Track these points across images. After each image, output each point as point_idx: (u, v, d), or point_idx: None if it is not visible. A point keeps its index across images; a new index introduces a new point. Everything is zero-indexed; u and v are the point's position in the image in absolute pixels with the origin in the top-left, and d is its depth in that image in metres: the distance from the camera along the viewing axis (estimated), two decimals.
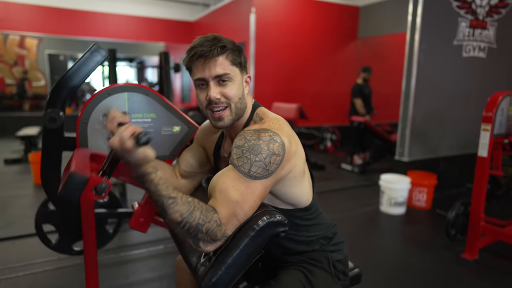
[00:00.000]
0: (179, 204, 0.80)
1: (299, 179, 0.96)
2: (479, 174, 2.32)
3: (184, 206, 0.80)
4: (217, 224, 0.82)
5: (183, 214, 0.80)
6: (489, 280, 2.16)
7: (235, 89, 0.93)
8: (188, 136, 1.32)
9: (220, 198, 0.84)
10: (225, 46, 0.91)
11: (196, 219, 0.80)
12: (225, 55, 0.91)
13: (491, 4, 3.73)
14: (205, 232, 0.81)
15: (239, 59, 0.94)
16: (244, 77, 0.97)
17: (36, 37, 9.05)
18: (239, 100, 0.94)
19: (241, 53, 0.96)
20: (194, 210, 0.80)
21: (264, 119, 0.95)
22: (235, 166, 0.85)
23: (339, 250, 1.10)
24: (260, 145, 0.84)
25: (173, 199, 0.80)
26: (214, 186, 0.87)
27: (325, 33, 6.36)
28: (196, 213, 0.80)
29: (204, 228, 0.81)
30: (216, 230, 0.82)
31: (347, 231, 2.82)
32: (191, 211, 0.80)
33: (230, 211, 0.83)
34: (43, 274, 2.12)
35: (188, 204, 0.81)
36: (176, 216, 0.80)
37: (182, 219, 0.80)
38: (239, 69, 0.94)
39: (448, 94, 3.77)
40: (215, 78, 0.91)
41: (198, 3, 8.55)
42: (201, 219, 0.80)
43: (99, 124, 1.18)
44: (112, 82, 3.57)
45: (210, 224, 0.81)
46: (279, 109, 4.93)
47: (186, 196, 0.82)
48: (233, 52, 0.93)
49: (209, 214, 0.81)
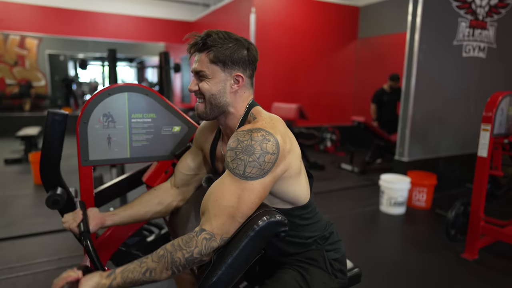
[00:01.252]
0: (156, 268, 0.82)
1: (296, 177, 0.96)
2: (479, 174, 2.32)
3: (161, 262, 0.82)
4: (206, 240, 0.83)
5: (167, 269, 0.82)
6: (489, 280, 2.16)
7: (209, 86, 0.95)
8: (188, 136, 1.32)
9: (213, 209, 0.85)
10: (206, 43, 0.92)
11: (182, 258, 0.82)
12: (206, 53, 0.93)
13: (491, 4, 3.74)
14: (201, 255, 0.83)
15: (223, 57, 0.92)
16: (230, 76, 0.95)
17: (36, 37, 9.06)
18: (213, 97, 0.95)
19: (233, 51, 0.92)
20: (174, 255, 0.82)
21: (257, 118, 0.94)
22: (230, 169, 0.86)
23: (336, 249, 1.10)
24: (253, 145, 0.84)
25: (145, 268, 0.82)
26: (209, 196, 0.88)
27: (325, 33, 6.36)
28: (177, 254, 0.82)
29: (196, 253, 0.82)
30: (209, 245, 0.83)
31: (347, 231, 2.82)
32: (171, 259, 0.82)
33: (226, 217, 0.84)
34: (43, 274, 2.12)
35: (163, 257, 0.82)
36: (164, 275, 0.82)
37: (171, 271, 0.82)
38: (220, 67, 0.94)
39: (448, 94, 3.78)
40: (195, 73, 0.96)
41: (198, 3, 8.55)
42: (186, 252, 0.82)
43: (99, 124, 1.18)
44: (112, 82, 3.57)
45: (199, 247, 0.82)
46: (279, 109, 4.93)
47: (156, 253, 0.84)
48: (218, 50, 0.92)
49: (191, 243, 0.82)
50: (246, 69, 0.96)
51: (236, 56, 0.93)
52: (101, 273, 0.83)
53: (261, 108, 1.00)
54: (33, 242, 2.54)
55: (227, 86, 0.96)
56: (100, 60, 11.34)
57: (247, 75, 0.98)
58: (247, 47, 0.95)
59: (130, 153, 1.25)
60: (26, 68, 9.19)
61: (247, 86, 0.99)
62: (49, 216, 2.89)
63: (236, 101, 0.98)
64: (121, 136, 1.22)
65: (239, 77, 0.95)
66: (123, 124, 1.21)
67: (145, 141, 1.26)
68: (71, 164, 2.37)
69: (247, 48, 0.95)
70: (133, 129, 1.24)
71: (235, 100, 0.98)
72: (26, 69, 9.20)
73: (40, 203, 3.38)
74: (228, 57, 0.92)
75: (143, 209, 1.14)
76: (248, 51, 0.95)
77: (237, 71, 0.95)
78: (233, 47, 0.93)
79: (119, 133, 1.21)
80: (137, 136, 1.25)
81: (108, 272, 0.83)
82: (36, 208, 3.23)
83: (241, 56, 0.94)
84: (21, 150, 5.47)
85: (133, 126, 1.23)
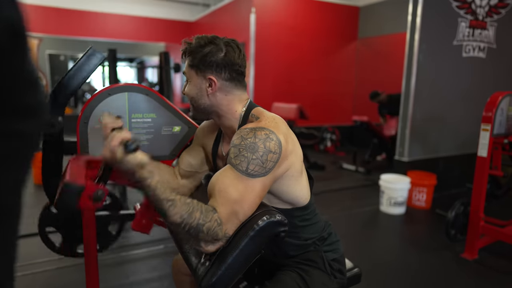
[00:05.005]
0: (178, 206, 0.80)
1: (297, 178, 0.96)
2: (479, 174, 2.32)
3: (183, 208, 0.81)
4: (217, 223, 0.82)
5: (182, 216, 0.80)
6: (489, 280, 2.16)
7: (188, 89, 1.00)
8: (188, 136, 1.32)
9: (219, 198, 0.84)
10: (186, 49, 0.98)
11: (196, 220, 0.81)
12: (187, 57, 0.99)
13: (490, 4, 3.74)
14: (206, 232, 0.82)
15: (196, 62, 0.96)
16: (204, 79, 0.96)
17: (36, 37, 9.06)
18: (192, 99, 1.01)
19: (205, 55, 0.94)
20: (194, 211, 0.81)
21: (260, 118, 0.95)
22: (233, 165, 0.86)
23: (334, 249, 1.10)
24: (256, 143, 0.85)
25: (171, 201, 0.80)
26: (213, 186, 0.87)
27: (325, 33, 6.36)
28: (196, 213, 0.81)
29: (205, 228, 0.81)
30: (217, 229, 0.82)
31: (347, 231, 2.82)
32: (190, 212, 0.81)
33: (230, 210, 0.84)
34: (43, 274, 2.13)
35: (187, 205, 0.81)
36: (176, 218, 0.81)
37: (182, 220, 0.81)
38: (195, 71, 0.97)
39: (448, 94, 3.78)
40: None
41: (198, 3, 8.55)
42: (201, 219, 0.81)
43: (99, 124, 1.18)
44: (112, 82, 3.57)
45: (210, 224, 0.82)
46: (279, 109, 4.93)
47: (185, 198, 0.83)
48: (193, 55, 0.96)
49: (208, 214, 0.82)
50: (221, 72, 0.96)
51: (208, 60, 0.94)
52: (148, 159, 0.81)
53: (262, 109, 1.01)
54: (33, 242, 2.53)
55: (203, 89, 0.98)
56: None
57: (223, 77, 0.96)
58: (225, 50, 0.95)
59: None
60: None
61: (226, 89, 0.98)
62: None
63: (221, 103, 0.98)
64: None
65: (211, 80, 0.96)
66: (123, 124, 1.21)
67: (145, 141, 1.26)
68: None
69: (225, 51, 0.95)
70: (133, 129, 1.24)
71: (219, 102, 0.98)
72: None
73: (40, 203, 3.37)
74: (200, 61, 0.95)
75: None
76: (225, 54, 0.95)
77: (210, 74, 0.96)
78: (207, 51, 0.94)
79: None
80: (137, 136, 1.25)
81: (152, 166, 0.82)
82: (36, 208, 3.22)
83: (214, 60, 0.94)
84: None
85: (133, 126, 1.23)
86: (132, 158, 0.77)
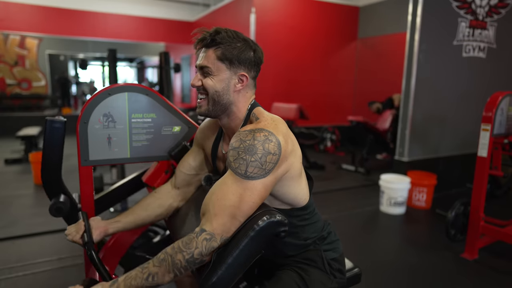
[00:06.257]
0: (158, 273, 0.83)
1: (297, 179, 0.96)
2: (479, 174, 2.32)
3: (163, 264, 0.83)
4: (207, 240, 0.83)
5: (169, 272, 0.82)
6: (489, 280, 2.16)
7: (213, 83, 0.95)
8: (188, 136, 1.32)
9: (216, 207, 0.85)
10: (215, 40, 0.93)
11: (183, 260, 0.82)
12: (213, 49, 0.94)
13: (491, 4, 3.74)
14: (201, 256, 0.83)
15: (230, 56, 0.93)
16: (235, 75, 0.96)
17: (36, 37, 9.06)
18: (216, 93, 0.96)
19: (241, 51, 0.94)
20: (173, 257, 0.83)
21: (260, 119, 0.94)
22: (232, 169, 0.86)
23: (334, 248, 1.10)
24: (255, 145, 0.85)
25: (147, 274, 0.83)
26: (209, 198, 0.88)
27: (325, 33, 6.36)
28: (178, 256, 0.82)
29: (196, 255, 0.83)
30: (209, 245, 0.83)
31: (347, 231, 2.82)
32: (172, 262, 0.82)
33: (227, 216, 0.84)
34: (43, 274, 2.13)
35: (164, 261, 0.83)
36: (166, 279, 0.83)
37: (173, 274, 0.83)
38: (226, 65, 0.94)
39: (448, 94, 3.78)
40: (200, 68, 0.97)
41: (198, 3, 8.55)
42: (186, 254, 0.82)
43: (99, 124, 1.18)
44: (112, 82, 3.57)
45: (199, 249, 0.82)
46: (279, 109, 4.93)
47: (157, 256, 0.85)
48: (226, 48, 0.93)
49: (191, 244, 0.83)
50: (251, 70, 0.98)
51: (243, 56, 0.94)
52: (103, 283, 0.85)
53: (262, 109, 1.01)
54: (33, 242, 2.54)
55: (231, 85, 0.96)
56: (100, 60, 11.34)
57: (251, 76, 0.99)
58: (254, 48, 0.97)
59: (130, 153, 1.25)
60: (26, 68, 9.19)
61: (250, 87, 1.00)
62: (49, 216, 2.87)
63: (239, 101, 0.99)
64: (121, 136, 1.22)
65: (243, 76, 0.96)
66: (123, 124, 1.21)
67: (145, 141, 1.26)
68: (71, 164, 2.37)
69: (253, 50, 0.97)
70: (133, 129, 1.23)
71: (238, 100, 0.99)
72: (26, 69, 9.20)
73: (40, 203, 3.38)
74: (235, 56, 0.94)
75: (144, 213, 1.15)
76: (254, 52, 0.97)
77: (243, 70, 0.96)
78: (241, 47, 0.94)
79: (119, 133, 1.21)
80: (137, 136, 1.25)
81: (111, 282, 0.85)
82: (36, 208, 3.23)
83: (247, 57, 0.95)
84: (21, 150, 5.47)
85: (133, 126, 1.23)
86: None
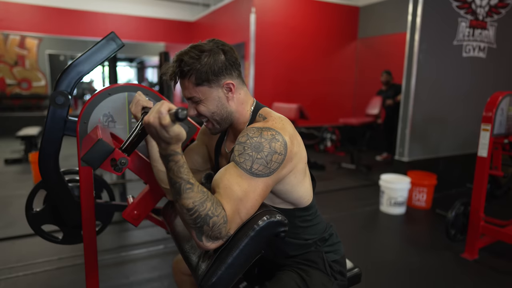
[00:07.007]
0: (194, 191, 0.79)
1: (301, 179, 0.96)
2: (479, 174, 2.32)
3: (198, 195, 0.79)
4: (223, 220, 0.81)
5: (195, 202, 0.78)
6: (489, 280, 2.16)
7: (206, 108, 0.95)
8: (188, 136, 1.32)
9: (224, 194, 0.83)
10: (183, 70, 0.91)
11: (206, 210, 0.79)
12: (187, 78, 0.92)
13: (491, 4, 3.74)
14: (211, 226, 0.80)
15: (205, 76, 0.91)
16: (220, 88, 0.94)
17: (36, 37, 9.05)
18: (214, 114, 0.96)
19: (210, 64, 0.90)
20: (207, 200, 0.79)
21: (267, 118, 0.94)
22: (237, 163, 0.85)
23: (335, 250, 1.10)
24: (262, 143, 0.84)
25: (190, 184, 0.79)
26: (218, 182, 0.86)
27: (325, 33, 6.36)
28: (208, 203, 0.79)
29: (211, 221, 0.79)
30: (221, 226, 0.81)
31: (347, 231, 2.82)
32: (203, 201, 0.79)
33: (234, 208, 0.82)
34: (43, 274, 2.13)
35: (203, 193, 0.80)
36: (189, 202, 0.79)
37: (193, 206, 0.79)
38: (207, 86, 0.92)
39: (448, 94, 3.78)
40: (188, 99, 0.96)
41: (198, 3, 8.55)
42: (211, 211, 0.79)
43: (99, 124, 1.18)
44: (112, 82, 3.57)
45: (217, 219, 0.80)
46: (279, 109, 4.93)
47: (202, 186, 0.82)
48: (196, 71, 0.90)
49: (218, 208, 0.81)
50: (231, 72, 0.95)
51: (215, 68, 0.91)
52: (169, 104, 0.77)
53: (269, 109, 1.01)
54: (33, 242, 2.54)
55: (222, 99, 0.95)
56: None
57: (235, 77, 0.96)
58: (223, 50, 0.93)
59: None
60: (26, 68, 9.19)
61: (239, 87, 0.99)
62: None
63: (237, 106, 0.99)
64: (121, 136, 1.22)
65: (229, 84, 0.95)
66: (123, 124, 1.21)
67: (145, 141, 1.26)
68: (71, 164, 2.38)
69: (223, 52, 0.93)
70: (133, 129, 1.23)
71: (236, 106, 0.99)
72: (26, 69, 9.20)
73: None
74: (209, 73, 0.91)
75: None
76: (225, 54, 0.93)
77: (224, 79, 0.94)
78: (209, 60, 0.91)
79: (119, 133, 1.21)
80: None
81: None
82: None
83: (220, 65, 0.92)
84: (21, 150, 5.47)
85: (133, 126, 1.23)
86: (176, 128, 0.74)
